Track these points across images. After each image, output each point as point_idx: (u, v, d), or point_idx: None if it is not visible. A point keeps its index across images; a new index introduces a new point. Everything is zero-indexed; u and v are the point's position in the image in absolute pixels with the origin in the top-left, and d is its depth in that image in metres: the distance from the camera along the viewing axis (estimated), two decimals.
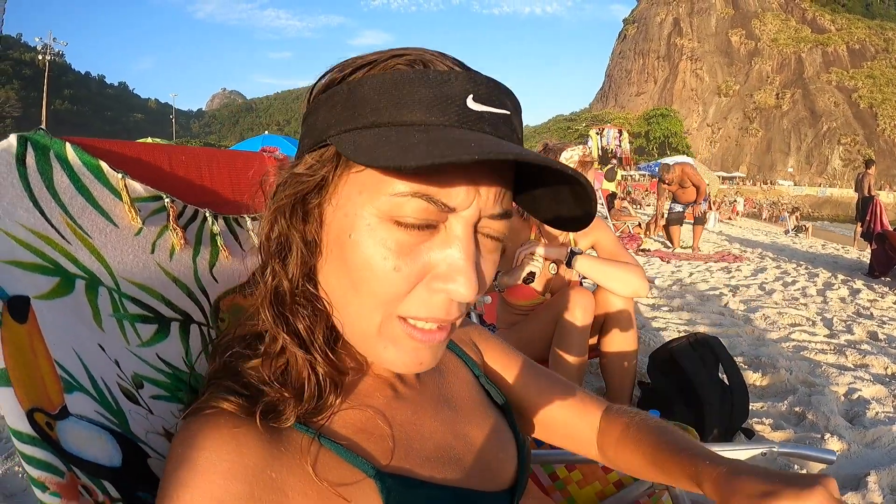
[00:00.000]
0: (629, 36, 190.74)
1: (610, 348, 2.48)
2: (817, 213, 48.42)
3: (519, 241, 2.52)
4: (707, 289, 6.68)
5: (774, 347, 4.17)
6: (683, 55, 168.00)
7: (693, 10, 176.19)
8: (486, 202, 0.58)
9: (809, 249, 13.07)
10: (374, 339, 0.61)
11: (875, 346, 4.43)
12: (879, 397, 3.30)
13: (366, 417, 0.65)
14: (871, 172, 13.13)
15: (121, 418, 0.64)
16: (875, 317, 5.63)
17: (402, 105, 0.55)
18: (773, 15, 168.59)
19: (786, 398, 3.17)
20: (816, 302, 6.28)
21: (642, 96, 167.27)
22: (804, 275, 8.37)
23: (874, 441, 2.76)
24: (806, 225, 21.13)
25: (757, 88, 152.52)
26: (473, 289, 0.57)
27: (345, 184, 0.58)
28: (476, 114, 0.55)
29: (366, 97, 0.56)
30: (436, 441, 0.70)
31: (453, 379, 0.81)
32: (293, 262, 0.62)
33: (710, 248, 11.35)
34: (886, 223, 9.87)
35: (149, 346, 0.73)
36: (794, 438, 2.70)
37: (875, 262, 8.70)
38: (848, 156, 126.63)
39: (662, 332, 4.50)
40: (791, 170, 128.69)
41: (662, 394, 2.60)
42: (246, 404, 0.58)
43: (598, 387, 3.16)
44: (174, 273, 0.79)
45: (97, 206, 0.72)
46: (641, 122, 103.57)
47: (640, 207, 19.99)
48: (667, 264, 8.83)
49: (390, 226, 0.56)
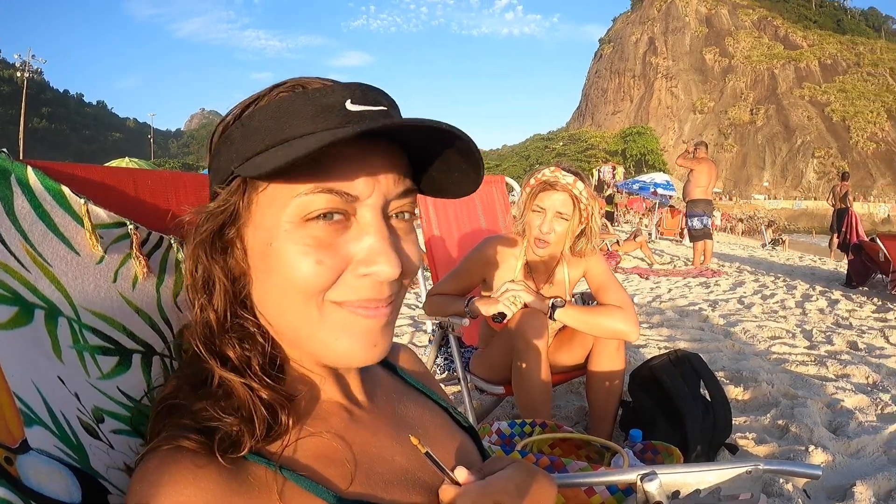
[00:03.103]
0: (605, 55, 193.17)
1: (596, 367, 2.44)
2: (793, 226, 49.08)
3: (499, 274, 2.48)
4: (686, 304, 6.72)
5: (755, 361, 4.18)
6: (659, 73, 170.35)
7: (668, 29, 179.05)
8: (387, 187, 0.63)
9: (787, 262, 13.23)
10: (322, 333, 0.63)
11: (855, 356, 4.46)
12: (862, 407, 3.31)
13: (324, 443, 0.65)
14: (846, 184, 13.42)
15: (81, 453, 0.62)
16: (854, 326, 5.68)
17: (289, 124, 0.60)
18: (746, 32, 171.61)
19: (769, 411, 3.17)
20: (795, 314, 6.33)
21: (619, 115, 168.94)
22: (782, 287, 8.45)
23: (859, 451, 2.76)
24: (783, 238, 21.44)
25: (731, 105, 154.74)
26: (396, 265, 0.61)
27: (256, 205, 0.62)
28: (357, 113, 0.61)
29: (258, 126, 0.61)
30: (399, 463, 0.70)
31: (410, 403, 0.82)
32: (218, 295, 0.65)
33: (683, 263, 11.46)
34: (862, 234, 10.06)
35: (109, 379, 0.70)
36: (779, 452, 2.70)
37: (852, 272, 8.83)
38: (822, 168, 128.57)
39: (643, 349, 4.49)
40: (767, 184, 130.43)
41: (644, 412, 2.58)
42: (204, 440, 0.57)
43: (580, 405, 3.15)
44: (136, 303, 0.77)
45: (58, 233, 0.70)
46: (618, 140, 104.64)
47: (618, 224, 20.42)
48: (646, 281, 8.90)
49: (305, 225, 0.60)
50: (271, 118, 0.61)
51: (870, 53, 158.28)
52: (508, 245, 2.47)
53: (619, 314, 2.29)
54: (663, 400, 2.53)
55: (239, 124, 0.63)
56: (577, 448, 1.97)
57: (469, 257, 2.51)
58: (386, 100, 0.65)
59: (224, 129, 0.66)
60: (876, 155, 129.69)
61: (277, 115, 0.61)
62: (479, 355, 2.62)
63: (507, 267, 2.46)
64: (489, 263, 2.47)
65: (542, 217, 2.30)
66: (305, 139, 0.58)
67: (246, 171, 0.60)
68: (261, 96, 0.64)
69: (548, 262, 2.48)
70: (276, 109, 0.61)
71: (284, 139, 0.60)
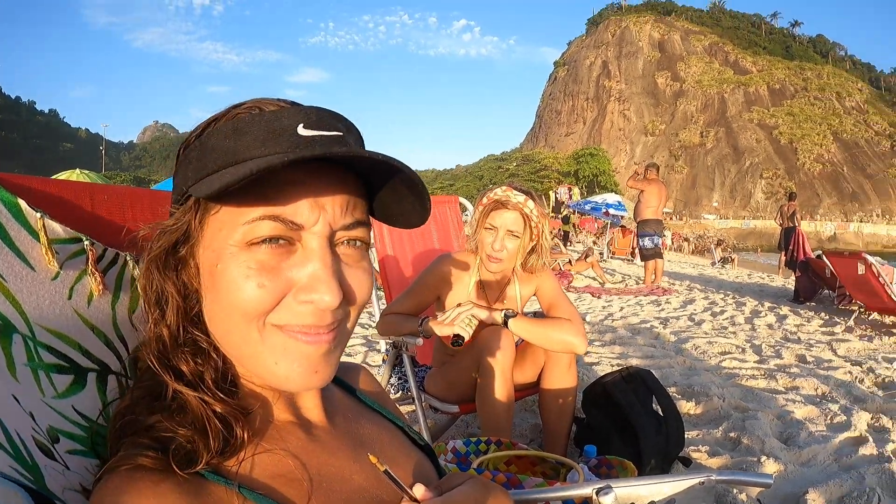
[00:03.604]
0: (559, 78, 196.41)
1: (549, 385, 2.46)
2: (742, 245, 50.46)
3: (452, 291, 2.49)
4: (638, 322, 6.80)
5: (706, 376, 4.25)
6: (612, 96, 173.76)
7: (621, 53, 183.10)
8: (333, 216, 0.63)
9: (736, 279, 13.54)
10: (263, 356, 0.63)
11: (804, 369, 4.58)
12: (812, 417, 3.40)
13: (282, 462, 0.65)
14: (793, 204, 13.90)
15: (36, 474, 0.61)
16: (802, 341, 5.83)
17: (240, 145, 0.61)
18: (697, 58, 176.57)
19: (720, 425, 3.23)
20: (745, 329, 6.47)
21: (571, 136, 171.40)
22: (732, 304, 8.63)
23: (810, 460, 2.83)
24: (732, 256, 22.00)
25: (682, 127, 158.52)
26: (336, 294, 0.61)
27: (208, 226, 0.63)
28: (307, 138, 0.61)
29: (213, 147, 0.62)
30: (357, 483, 0.70)
31: (367, 423, 0.82)
32: (171, 310, 0.65)
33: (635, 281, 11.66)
34: (809, 251, 10.37)
35: (64, 398, 0.69)
36: (731, 463, 2.75)
37: (800, 288, 9.11)
38: (770, 189, 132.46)
39: (595, 366, 4.53)
40: (716, 204, 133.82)
41: (598, 429, 2.61)
42: (162, 457, 0.57)
43: (534, 423, 3.17)
44: (92, 320, 0.76)
45: (13, 248, 0.69)
46: (571, 161, 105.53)
47: (571, 245, 20.75)
48: (598, 299, 8.98)
49: (250, 249, 0.61)
50: (225, 139, 0.62)
51: (817, 78, 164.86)
52: (461, 263, 2.50)
53: (568, 326, 2.32)
54: (617, 416, 2.57)
55: (197, 143, 0.64)
56: (533, 465, 1.99)
57: (423, 276, 2.52)
58: (342, 124, 0.65)
59: (185, 147, 0.67)
60: (822, 175, 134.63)
61: (232, 135, 0.61)
62: (433, 374, 2.62)
63: (461, 285, 2.49)
64: (443, 281, 2.49)
65: (495, 235, 2.33)
66: (250, 163, 0.58)
67: (196, 190, 0.61)
68: (219, 116, 0.65)
69: (500, 280, 2.51)
70: (230, 131, 0.62)
71: (235, 161, 0.60)
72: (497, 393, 2.26)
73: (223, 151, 0.61)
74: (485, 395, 2.28)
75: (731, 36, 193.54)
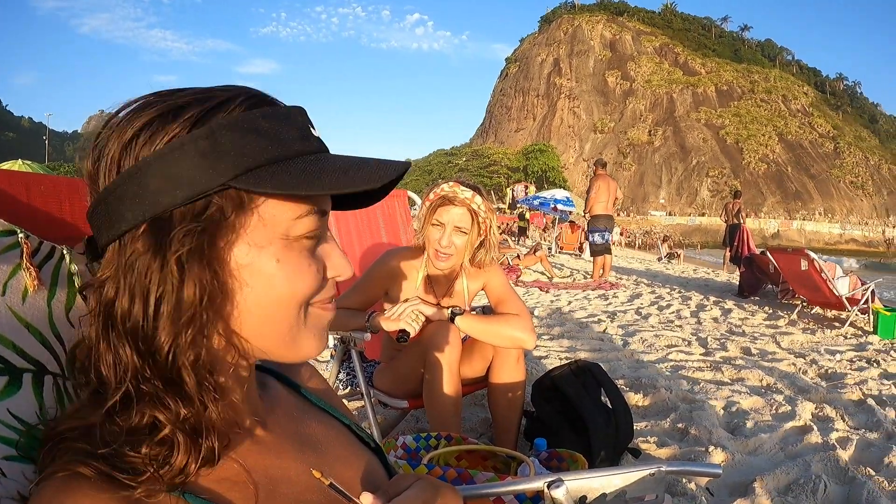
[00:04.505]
0: (510, 74, 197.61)
1: (497, 379, 2.47)
2: (688, 241, 51.73)
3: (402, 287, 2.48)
4: (585, 316, 6.89)
5: (653, 368, 4.34)
6: (562, 94, 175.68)
7: (573, 51, 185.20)
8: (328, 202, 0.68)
9: (682, 275, 13.88)
10: (301, 335, 0.65)
11: (749, 361, 4.71)
12: (757, 408, 3.49)
13: (226, 466, 0.62)
14: (738, 202, 14.32)
15: None
16: (747, 333, 6.00)
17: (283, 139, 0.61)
18: (647, 58, 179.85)
19: (668, 416, 3.29)
20: (691, 323, 6.64)
21: (521, 132, 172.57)
22: (678, 298, 8.84)
23: (756, 449, 2.91)
24: (678, 252, 22.55)
25: (631, 126, 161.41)
26: (352, 267, 0.69)
27: (248, 219, 0.60)
28: (318, 139, 0.65)
29: (251, 137, 0.59)
30: (304, 484, 0.68)
31: (313, 422, 0.80)
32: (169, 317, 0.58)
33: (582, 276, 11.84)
34: (753, 248, 10.68)
35: None
36: (680, 453, 2.80)
37: (744, 283, 9.39)
38: (716, 187, 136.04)
39: (544, 360, 4.57)
40: (663, 201, 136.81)
41: (548, 422, 2.63)
42: (103, 467, 0.54)
43: (484, 417, 3.18)
44: (27, 318, 0.71)
45: None
46: (520, 157, 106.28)
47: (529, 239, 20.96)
48: (546, 294, 9.09)
49: (300, 240, 0.63)
50: (264, 130, 0.59)
51: (764, 81, 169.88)
52: (410, 258, 2.48)
53: (515, 321, 2.33)
54: (566, 409, 2.59)
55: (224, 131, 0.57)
56: (484, 459, 1.98)
57: (371, 271, 2.49)
58: None
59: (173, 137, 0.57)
60: (767, 175, 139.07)
61: (273, 124, 0.60)
62: (382, 370, 2.60)
63: (409, 280, 2.47)
64: (391, 276, 2.47)
65: (442, 231, 2.31)
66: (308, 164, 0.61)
67: (258, 184, 0.57)
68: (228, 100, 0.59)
69: (448, 275, 2.50)
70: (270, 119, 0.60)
71: (286, 156, 0.60)
72: (444, 388, 2.25)
73: (269, 139, 0.59)
74: (432, 390, 2.27)
75: (681, 38, 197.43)
